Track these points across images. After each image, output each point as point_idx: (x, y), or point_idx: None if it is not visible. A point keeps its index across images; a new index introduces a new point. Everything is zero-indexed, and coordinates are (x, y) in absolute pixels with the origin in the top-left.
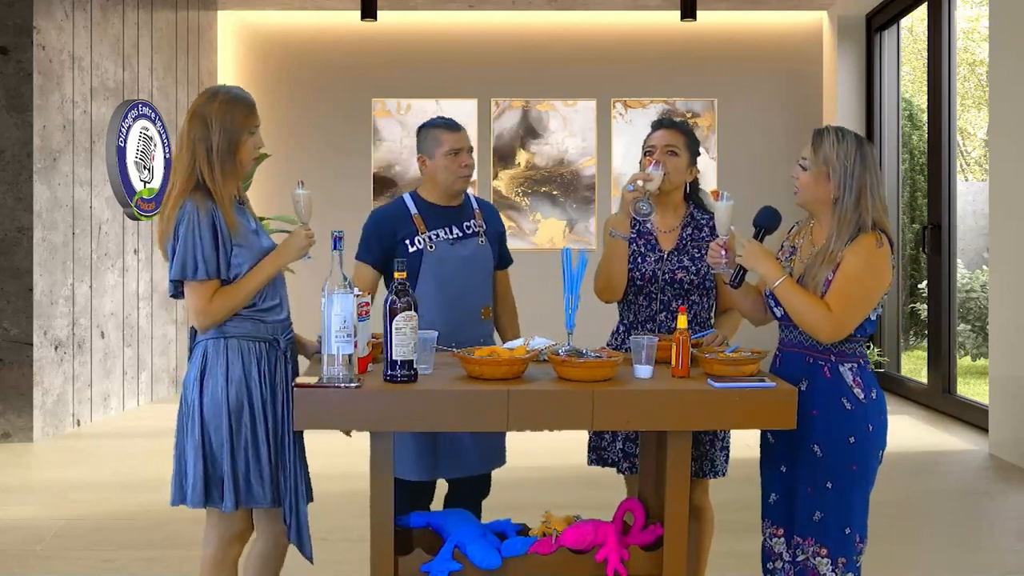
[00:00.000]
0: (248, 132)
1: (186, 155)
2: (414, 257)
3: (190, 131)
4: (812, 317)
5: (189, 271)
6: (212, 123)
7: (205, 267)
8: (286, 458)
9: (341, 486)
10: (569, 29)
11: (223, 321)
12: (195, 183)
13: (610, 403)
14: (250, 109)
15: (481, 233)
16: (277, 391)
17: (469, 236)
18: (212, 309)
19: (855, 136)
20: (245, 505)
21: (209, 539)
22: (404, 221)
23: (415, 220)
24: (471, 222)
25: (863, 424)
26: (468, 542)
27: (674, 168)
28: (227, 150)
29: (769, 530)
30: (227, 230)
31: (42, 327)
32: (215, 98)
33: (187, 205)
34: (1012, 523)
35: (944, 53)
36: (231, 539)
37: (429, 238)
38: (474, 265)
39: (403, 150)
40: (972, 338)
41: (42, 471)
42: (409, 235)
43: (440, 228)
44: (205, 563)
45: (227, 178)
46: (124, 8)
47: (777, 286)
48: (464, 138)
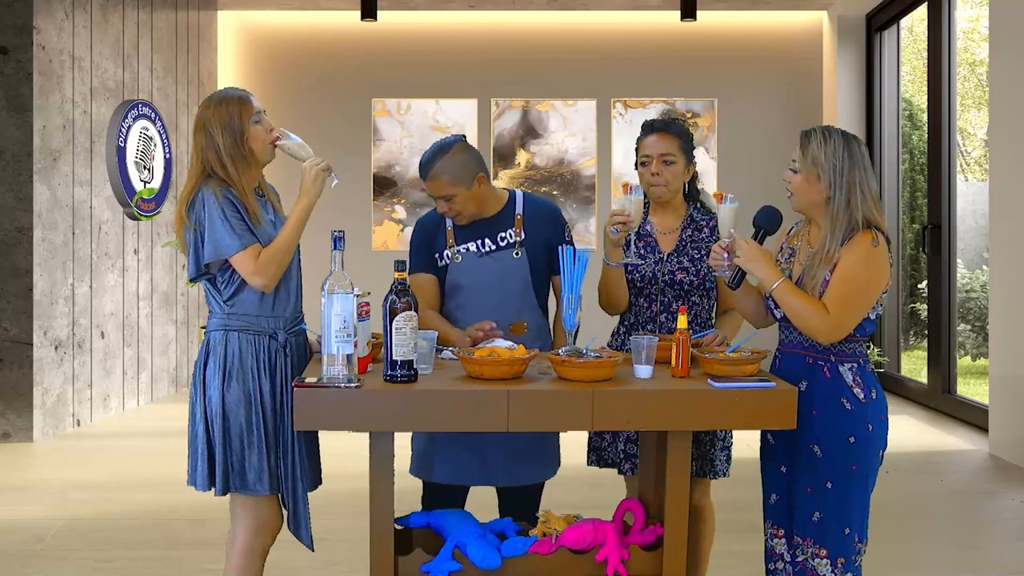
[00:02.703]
0: (250, 122)
1: (197, 164)
2: (443, 271)
3: (196, 142)
4: (810, 319)
5: (224, 249)
6: (213, 127)
7: (239, 239)
8: (286, 448)
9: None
10: (569, 29)
11: (280, 274)
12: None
13: (610, 403)
14: (242, 101)
15: (518, 245)
16: (276, 384)
17: (503, 248)
18: (260, 267)
19: (842, 133)
20: (241, 492)
21: (236, 530)
22: (440, 232)
23: (447, 233)
24: (507, 232)
25: (863, 424)
26: (468, 542)
27: (672, 176)
28: (234, 145)
29: (771, 531)
30: (246, 208)
31: (42, 327)
32: (209, 104)
33: (201, 191)
34: (1012, 523)
35: (944, 53)
36: (258, 528)
37: (458, 252)
38: (502, 280)
39: (403, 150)
40: (972, 338)
41: (42, 471)
42: (440, 248)
43: (472, 241)
44: (234, 554)
45: (243, 170)
46: (124, 8)
47: (774, 289)
48: (431, 187)
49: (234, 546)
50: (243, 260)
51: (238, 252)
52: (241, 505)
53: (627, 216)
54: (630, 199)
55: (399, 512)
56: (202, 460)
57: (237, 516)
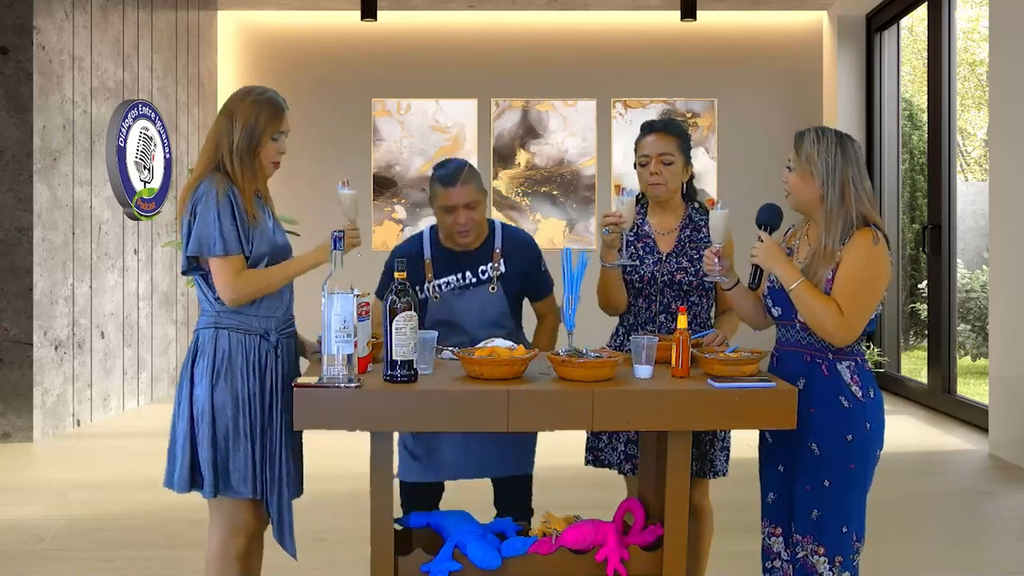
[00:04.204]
0: (271, 137)
1: (211, 146)
2: (421, 303)
3: (216, 125)
4: (827, 320)
5: (206, 247)
6: (236, 121)
7: (224, 244)
8: (273, 451)
9: (341, 486)
10: (569, 29)
11: (249, 301)
12: (216, 167)
13: (610, 403)
14: (277, 113)
15: (495, 280)
16: (266, 385)
17: (482, 283)
18: (237, 285)
19: (835, 133)
20: (224, 495)
21: (212, 533)
22: (417, 265)
23: (426, 265)
24: (487, 266)
25: (861, 422)
26: (468, 542)
27: (671, 176)
28: (246, 149)
29: (768, 529)
30: (244, 211)
31: (42, 327)
32: (247, 97)
33: (205, 183)
34: (1012, 523)
35: (944, 53)
36: (233, 531)
37: (436, 287)
38: (481, 313)
39: (403, 150)
40: (972, 338)
41: (42, 471)
42: (419, 281)
43: (451, 275)
44: (210, 558)
45: (247, 175)
46: (124, 8)
47: (794, 288)
48: (459, 194)
49: (209, 550)
50: (221, 266)
51: (219, 256)
52: (218, 507)
53: (619, 217)
54: (622, 200)
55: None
56: (182, 461)
57: (213, 518)
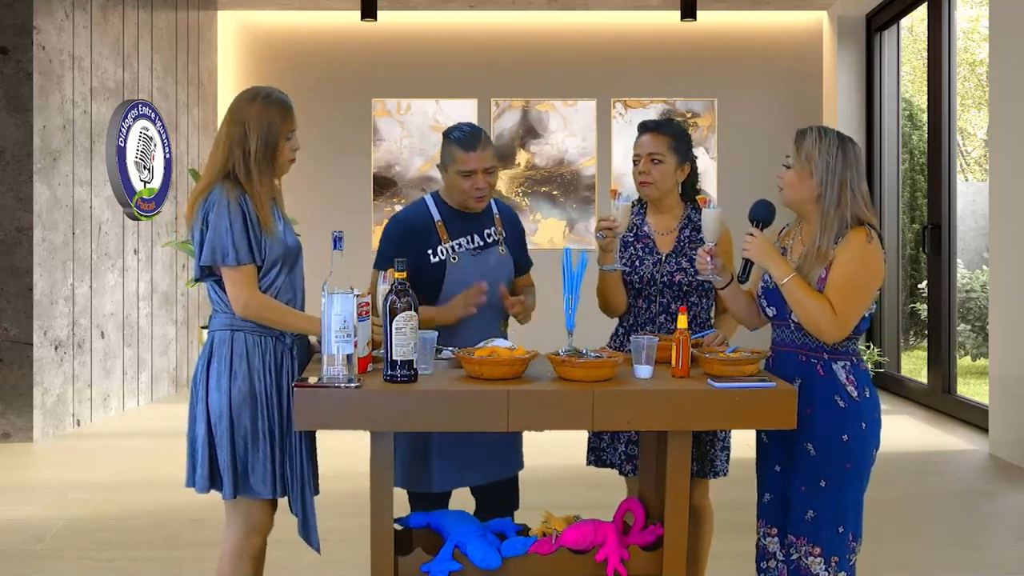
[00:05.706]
0: (285, 137)
1: (220, 155)
2: (436, 267)
3: (228, 133)
4: (819, 317)
5: (219, 256)
6: (250, 128)
7: (236, 253)
8: (292, 451)
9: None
10: (569, 29)
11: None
12: (226, 174)
13: (610, 403)
14: (287, 113)
15: (501, 242)
16: (283, 385)
17: (491, 245)
18: (251, 301)
19: (837, 134)
20: (244, 495)
21: (228, 532)
22: (429, 229)
23: (438, 228)
24: (491, 229)
25: (857, 422)
26: (468, 542)
27: (660, 175)
28: (264, 155)
29: (763, 529)
30: (256, 219)
31: (42, 327)
32: (254, 101)
33: (216, 192)
34: (1012, 523)
35: (944, 53)
36: (250, 531)
37: (452, 248)
38: (496, 277)
39: (403, 150)
40: (972, 338)
41: (42, 471)
42: (432, 245)
43: (463, 236)
44: (224, 556)
45: (264, 180)
46: (124, 8)
47: (785, 283)
48: (479, 159)
49: (224, 549)
50: (233, 276)
51: (231, 267)
52: (235, 507)
53: (613, 221)
54: (616, 205)
55: (399, 512)
56: (202, 462)
57: (230, 518)
